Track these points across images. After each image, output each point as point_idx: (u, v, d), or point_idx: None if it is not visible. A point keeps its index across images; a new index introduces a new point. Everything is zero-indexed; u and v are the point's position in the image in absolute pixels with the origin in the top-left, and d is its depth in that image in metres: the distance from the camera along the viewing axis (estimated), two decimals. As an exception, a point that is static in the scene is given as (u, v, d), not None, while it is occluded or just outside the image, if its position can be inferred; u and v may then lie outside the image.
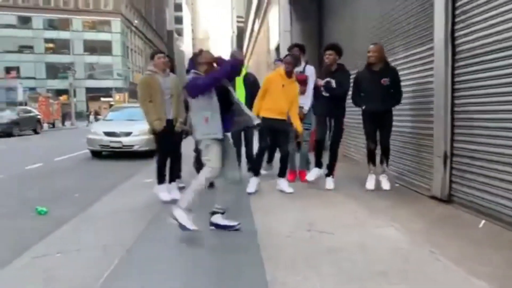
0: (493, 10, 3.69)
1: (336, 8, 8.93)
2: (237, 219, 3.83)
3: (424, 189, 4.87)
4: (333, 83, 5.15)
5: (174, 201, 4.89)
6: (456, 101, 4.27)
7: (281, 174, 5.36)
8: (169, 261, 3.14)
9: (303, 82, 5.63)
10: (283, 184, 5.32)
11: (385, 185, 5.19)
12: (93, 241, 3.66)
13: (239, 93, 5.69)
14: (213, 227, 3.79)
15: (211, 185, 3.77)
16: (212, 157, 3.59)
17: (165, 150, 5.14)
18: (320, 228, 3.68)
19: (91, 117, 36.93)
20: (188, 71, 3.80)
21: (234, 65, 3.60)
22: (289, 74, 5.12)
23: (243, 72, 5.93)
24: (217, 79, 3.56)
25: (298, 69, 5.88)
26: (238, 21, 48.15)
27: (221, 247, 3.39)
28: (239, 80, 5.82)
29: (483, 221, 3.65)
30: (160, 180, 5.13)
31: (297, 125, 5.21)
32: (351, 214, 4.17)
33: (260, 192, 5.31)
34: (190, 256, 3.22)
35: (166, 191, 5.09)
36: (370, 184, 5.25)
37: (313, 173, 5.65)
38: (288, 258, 3.03)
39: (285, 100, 5.09)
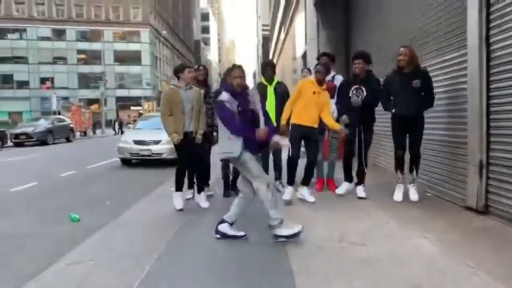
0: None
1: (364, 17, 8.84)
2: (267, 228, 3.80)
3: (458, 199, 4.70)
4: (359, 99, 5.18)
5: (194, 209, 5.04)
6: (492, 108, 4.12)
7: (304, 182, 5.32)
8: (197, 269, 3.15)
9: (331, 90, 5.58)
10: (305, 192, 5.27)
11: (413, 195, 5.00)
12: (125, 249, 3.72)
13: (270, 102, 5.71)
14: (218, 236, 3.84)
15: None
16: (250, 169, 3.68)
17: (183, 161, 5.22)
18: (351, 240, 3.61)
19: (116, 126, 37.01)
20: (220, 87, 3.95)
21: (253, 138, 3.68)
22: (320, 82, 5.10)
23: (274, 81, 5.94)
24: (238, 132, 3.66)
25: (327, 78, 5.85)
26: (263, 29, 48.47)
27: (249, 258, 3.37)
28: (270, 89, 5.84)
29: (523, 234, 3.49)
30: (177, 187, 5.21)
31: (333, 124, 5.16)
32: (382, 225, 4.06)
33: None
34: (218, 266, 3.22)
35: (181, 199, 5.18)
36: (398, 195, 5.06)
37: (343, 187, 5.56)
38: (319, 270, 2.98)
39: (315, 107, 5.06)
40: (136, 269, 3.13)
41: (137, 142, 10.56)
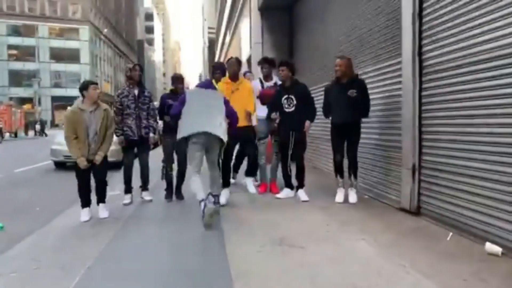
0: (458, 26, 3.78)
1: (306, 22, 9.04)
2: (205, 233, 3.72)
3: (394, 201, 4.91)
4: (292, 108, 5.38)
5: (131, 216, 4.83)
6: (424, 114, 4.34)
7: (248, 173, 5.58)
8: (131, 278, 2.98)
9: (270, 96, 5.63)
10: (249, 183, 5.54)
11: (352, 198, 5.16)
12: (52, 259, 3.44)
13: None
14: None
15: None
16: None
17: (82, 179, 4.80)
18: (291, 242, 3.61)
19: (37, 127, 33.00)
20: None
21: None
22: (233, 78, 5.26)
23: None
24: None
25: (269, 84, 5.87)
26: (209, 32, 48.17)
27: (186, 263, 3.26)
28: None
29: (450, 234, 3.69)
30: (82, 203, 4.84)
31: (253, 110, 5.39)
32: (322, 227, 4.12)
33: (229, 204, 5.22)
34: (152, 273, 3.07)
35: (87, 214, 4.78)
36: (339, 197, 5.23)
37: (284, 193, 5.58)
38: (258, 275, 2.94)
39: (239, 105, 5.08)
40: (64, 281, 2.90)
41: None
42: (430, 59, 4.22)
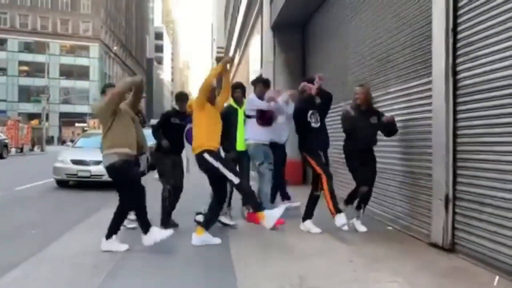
0: (500, 43, 3.40)
1: (321, 39, 8.72)
2: (216, 272, 3.27)
3: (422, 235, 4.44)
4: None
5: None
6: (459, 140, 3.92)
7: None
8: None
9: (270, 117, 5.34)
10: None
11: (361, 227, 4.87)
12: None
13: (240, 125, 5.42)
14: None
15: None
16: None
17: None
18: (313, 284, 3.15)
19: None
20: None
21: None
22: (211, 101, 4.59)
23: (244, 104, 5.51)
24: None
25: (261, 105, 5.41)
26: (218, 52, 48.35)
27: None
28: (240, 112, 5.46)
29: (497, 278, 3.21)
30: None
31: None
32: (346, 264, 3.66)
33: (240, 235, 4.78)
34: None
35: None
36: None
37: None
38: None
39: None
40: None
41: (75, 162, 9.61)
42: (466, 79, 3.82)
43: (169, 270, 3.62)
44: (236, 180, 4.26)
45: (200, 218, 5.03)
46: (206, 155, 4.30)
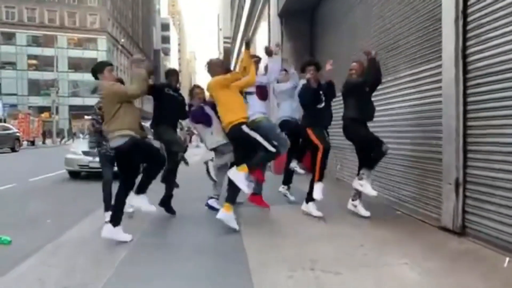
0: (511, 25, 3.36)
1: (330, 27, 8.64)
2: (228, 255, 3.32)
3: (432, 219, 4.44)
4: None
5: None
6: (469, 123, 3.89)
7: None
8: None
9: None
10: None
11: (365, 212, 4.88)
12: (55, 281, 3.11)
13: None
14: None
15: None
16: None
17: None
18: (325, 267, 3.19)
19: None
20: None
21: None
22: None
23: None
24: None
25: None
26: (225, 42, 48.09)
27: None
28: None
29: (507, 259, 3.21)
30: None
31: None
32: (357, 248, 3.69)
33: (251, 222, 4.82)
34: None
35: None
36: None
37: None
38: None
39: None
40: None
41: (87, 153, 9.71)
42: (477, 62, 3.79)
43: (182, 258, 3.63)
44: (272, 149, 4.42)
45: (213, 202, 5.17)
46: (244, 127, 4.45)
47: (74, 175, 10.19)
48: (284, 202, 5.77)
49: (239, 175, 4.35)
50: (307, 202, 5.02)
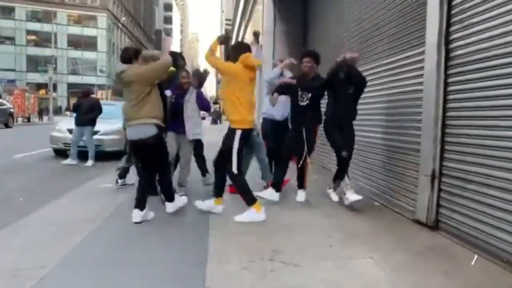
0: (495, 8, 3.16)
1: (322, 10, 8.39)
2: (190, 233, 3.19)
3: (407, 211, 4.31)
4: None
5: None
6: (449, 113, 3.72)
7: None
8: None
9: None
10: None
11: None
12: (8, 263, 2.99)
13: None
14: None
15: None
16: None
17: None
18: (285, 258, 3.06)
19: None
20: None
21: None
22: None
23: None
24: None
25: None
26: (227, 24, 47.49)
27: (160, 278, 2.76)
28: None
29: (476, 257, 3.09)
30: None
31: None
32: (324, 239, 3.56)
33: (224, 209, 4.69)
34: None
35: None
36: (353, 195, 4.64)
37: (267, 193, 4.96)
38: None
39: None
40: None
41: (72, 131, 9.54)
42: (459, 49, 3.60)
43: (141, 244, 3.54)
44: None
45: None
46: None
47: (60, 153, 10.03)
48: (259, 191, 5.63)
49: (250, 213, 4.19)
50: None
